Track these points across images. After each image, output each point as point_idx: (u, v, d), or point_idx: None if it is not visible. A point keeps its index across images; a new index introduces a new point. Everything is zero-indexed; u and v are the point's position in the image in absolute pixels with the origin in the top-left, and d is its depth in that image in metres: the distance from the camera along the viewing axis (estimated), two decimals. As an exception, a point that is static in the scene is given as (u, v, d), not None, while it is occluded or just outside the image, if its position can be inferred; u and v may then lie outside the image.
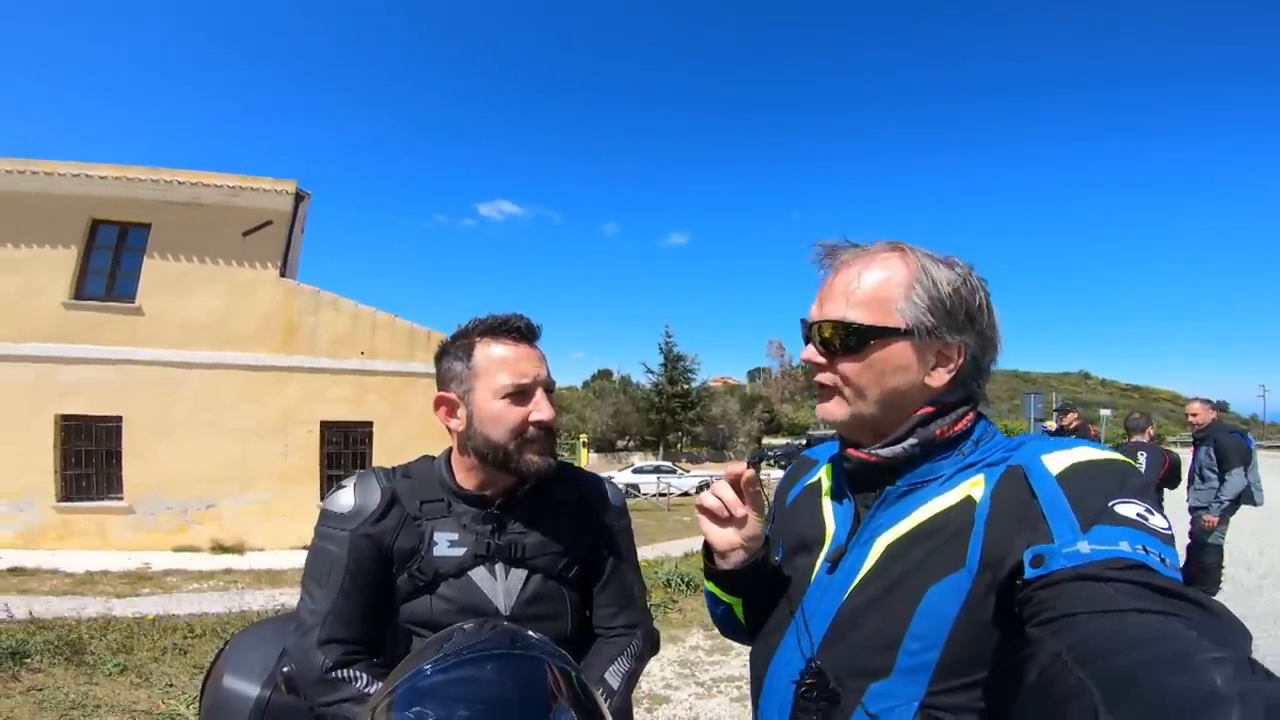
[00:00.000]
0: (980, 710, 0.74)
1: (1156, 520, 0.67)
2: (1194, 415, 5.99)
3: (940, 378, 0.85)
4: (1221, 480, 5.68)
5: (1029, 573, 0.66)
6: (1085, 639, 0.56)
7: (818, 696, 0.83)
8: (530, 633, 0.89)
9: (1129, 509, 0.67)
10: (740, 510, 0.93)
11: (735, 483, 0.93)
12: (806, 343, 0.91)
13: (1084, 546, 0.64)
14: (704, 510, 0.96)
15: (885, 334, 0.83)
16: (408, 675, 0.79)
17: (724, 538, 0.95)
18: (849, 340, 0.85)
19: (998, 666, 0.72)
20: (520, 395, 1.19)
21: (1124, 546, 0.63)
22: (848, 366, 0.86)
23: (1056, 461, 0.75)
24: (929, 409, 0.86)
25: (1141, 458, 5.78)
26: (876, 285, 0.84)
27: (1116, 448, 4.66)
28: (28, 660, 4.60)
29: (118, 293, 11.77)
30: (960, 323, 0.84)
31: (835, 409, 0.89)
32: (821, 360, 0.88)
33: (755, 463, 0.95)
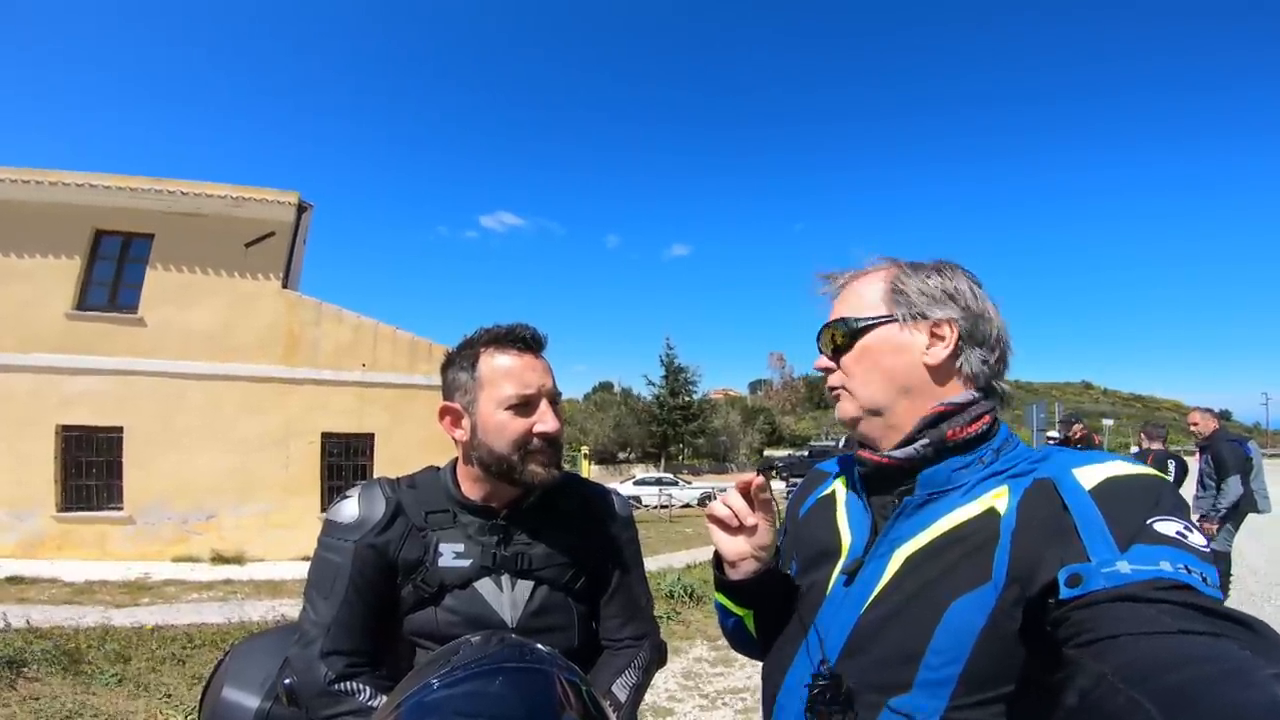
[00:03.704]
0: None
1: (1195, 538, 0.65)
2: (1195, 424, 6.09)
3: (938, 355, 0.87)
4: (1218, 489, 5.75)
5: (1065, 592, 0.63)
6: (1132, 660, 0.54)
7: (830, 699, 0.81)
8: (539, 645, 0.88)
9: (1168, 527, 0.66)
10: (750, 519, 0.92)
11: (745, 491, 0.93)
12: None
13: (1124, 566, 0.62)
14: (714, 519, 0.96)
15: (874, 323, 0.91)
16: (414, 689, 0.77)
17: (734, 547, 0.94)
18: (846, 337, 0.92)
19: (1022, 683, 0.71)
20: (525, 406, 1.18)
21: (1165, 566, 0.61)
22: (849, 360, 0.92)
23: (1089, 476, 0.73)
24: (941, 408, 0.85)
25: (1171, 466, 5.97)
26: (866, 290, 0.94)
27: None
28: (24, 669, 4.57)
29: (120, 303, 11.77)
30: (940, 299, 0.89)
31: (847, 406, 0.93)
32: (829, 364, 0.95)
33: (766, 470, 0.95)
